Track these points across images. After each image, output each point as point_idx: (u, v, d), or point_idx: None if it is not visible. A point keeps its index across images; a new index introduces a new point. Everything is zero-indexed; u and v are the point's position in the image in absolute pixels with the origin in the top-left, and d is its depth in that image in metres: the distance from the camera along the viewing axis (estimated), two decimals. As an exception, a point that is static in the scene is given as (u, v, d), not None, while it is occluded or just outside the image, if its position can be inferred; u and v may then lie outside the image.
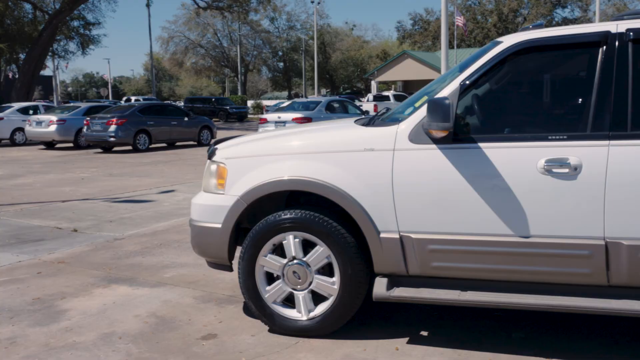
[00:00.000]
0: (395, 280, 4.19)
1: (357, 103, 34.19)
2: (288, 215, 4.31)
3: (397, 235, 4.06)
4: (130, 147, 21.96)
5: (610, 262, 3.70)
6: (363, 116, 6.00)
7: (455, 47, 53.90)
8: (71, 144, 24.03)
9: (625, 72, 3.76)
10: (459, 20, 43.04)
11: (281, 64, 77.08)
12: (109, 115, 21.77)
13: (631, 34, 3.79)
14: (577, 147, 3.75)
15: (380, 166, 4.08)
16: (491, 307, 4.37)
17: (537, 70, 4.38)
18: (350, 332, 4.43)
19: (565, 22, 66.95)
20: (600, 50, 3.84)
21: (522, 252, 3.85)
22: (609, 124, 3.72)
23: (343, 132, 4.55)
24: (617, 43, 3.80)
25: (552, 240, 3.79)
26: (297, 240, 4.32)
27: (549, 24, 53.69)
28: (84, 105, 26.40)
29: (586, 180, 3.71)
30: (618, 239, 3.67)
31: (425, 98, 4.33)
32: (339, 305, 4.27)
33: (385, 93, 47.88)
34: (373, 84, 63.01)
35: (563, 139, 3.79)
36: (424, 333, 4.47)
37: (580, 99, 4.04)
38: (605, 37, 3.84)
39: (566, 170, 3.73)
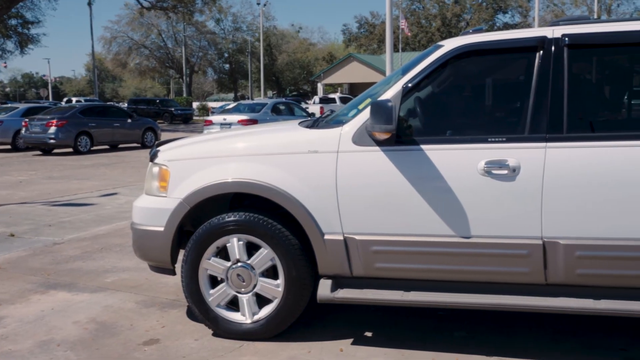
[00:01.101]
0: (339, 282, 4.20)
1: (304, 105, 34.23)
2: (232, 218, 4.27)
3: (341, 237, 4.07)
4: (71, 150, 21.42)
5: (548, 261, 3.80)
6: (308, 118, 6.01)
7: (400, 50, 54.59)
8: (9, 146, 23.29)
9: (561, 76, 3.87)
10: (403, 23, 43.61)
11: (227, 66, 76.57)
12: (48, 117, 21.19)
13: (567, 39, 3.90)
14: (515, 149, 3.84)
15: (324, 168, 4.08)
16: (434, 307, 4.43)
17: (478, 73, 4.47)
18: (294, 334, 4.42)
19: (506, 27, 68.56)
20: (538, 54, 3.94)
21: (463, 252, 3.92)
22: (546, 126, 3.82)
23: (287, 134, 4.54)
24: (553, 48, 3.91)
25: (492, 241, 3.86)
26: (241, 242, 4.29)
27: (491, 29, 54.94)
28: (22, 106, 25.65)
29: (524, 182, 3.80)
30: (555, 239, 3.77)
31: (368, 100, 4.36)
32: (284, 307, 4.26)
33: (332, 95, 48.08)
34: (319, 87, 63.20)
35: (502, 141, 3.88)
36: (368, 334, 4.50)
37: (518, 102, 4.13)
38: (542, 42, 3.94)
39: (505, 171, 3.81)
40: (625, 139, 3.74)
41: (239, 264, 4.32)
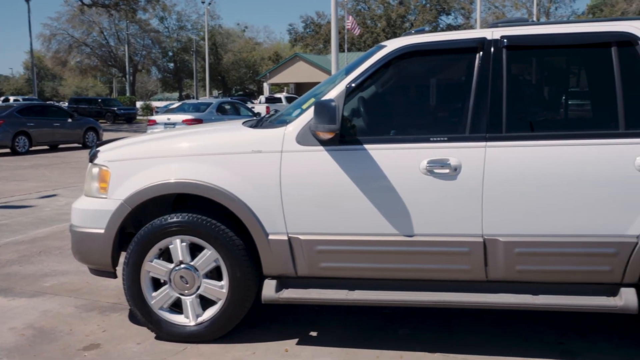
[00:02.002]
0: (284, 282, 4.19)
1: (250, 105, 34.06)
2: (175, 219, 4.21)
3: (285, 237, 4.06)
4: (8, 150, 20.74)
5: (488, 258, 3.87)
6: (252, 118, 5.98)
7: (345, 50, 54.89)
8: (-58, 147, 22.39)
9: (500, 76, 3.95)
10: (349, 23, 43.87)
11: (172, 65, 75.46)
12: (-16, 116, 20.45)
13: (505, 40, 3.98)
14: (456, 148, 3.90)
15: (268, 168, 4.07)
16: (378, 305, 4.47)
17: (420, 73, 4.53)
18: (239, 335, 4.39)
19: (450, 28, 69.73)
20: (477, 55, 4.01)
21: (406, 250, 3.96)
22: (486, 126, 3.89)
23: (231, 134, 4.51)
24: (492, 49, 3.98)
25: (435, 239, 3.92)
26: (184, 244, 4.23)
27: (435, 30, 55.86)
28: (-44, 105, 24.67)
29: (465, 180, 3.86)
30: (495, 236, 3.85)
31: (312, 100, 4.36)
32: (228, 309, 4.22)
33: (278, 95, 48.03)
34: (265, 86, 63.01)
35: (444, 141, 3.93)
36: (313, 333, 4.50)
37: (460, 102, 4.20)
38: (482, 43, 4.01)
39: (447, 170, 3.87)
40: (562, 138, 3.85)
41: (182, 265, 4.26)
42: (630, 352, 4.08)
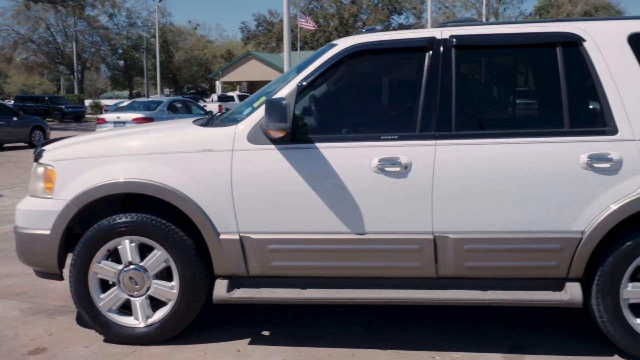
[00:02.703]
0: (236, 282, 4.16)
1: (202, 103, 33.74)
2: (123, 219, 4.14)
3: (237, 236, 4.03)
4: (-50, 149, 20.09)
5: (439, 255, 3.92)
6: (202, 116, 5.92)
7: (298, 49, 54.85)
8: None
9: (449, 75, 4.00)
10: (302, 23, 43.89)
11: (122, 62, 74.16)
12: None
13: (454, 40, 4.03)
14: (407, 146, 3.93)
15: (219, 167, 4.03)
16: (330, 303, 4.48)
17: (371, 72, 4.56)
18: (190, 336, 4.33)
19: (401, 27, 70.40)
20: (427, 54, 4.05)
21: (358, 248, 3.97)
22: (436, 124, 3.94)
23: (181, 132, 4.46)
24: (441, 48, 4.03)
25: (386, 236, 3.94)
26: (133, 244, 4.16)
27: (387, 29, 56.23)
28: None
29: (416, 178, 3.90)
30: (445, 233, 3.90)
31: (263, 99, 4.34)
32: (179, 309, 4.17)
33: (230, 93, 47.68)
34: (218, 84, 62.49)
35: (394, 139, 3.96)
36: (266, 333, 4.48)
37: (410, 101, 4.23)
38: (431, 43, 4.05)
39: (397, 169, 3.90)
40: (510, 137, 3.92)
41: (132, 266, 4.18)
42: (576, 345, 4.19)
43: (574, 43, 3.95)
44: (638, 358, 3.91)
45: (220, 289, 4.10)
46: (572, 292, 3.89)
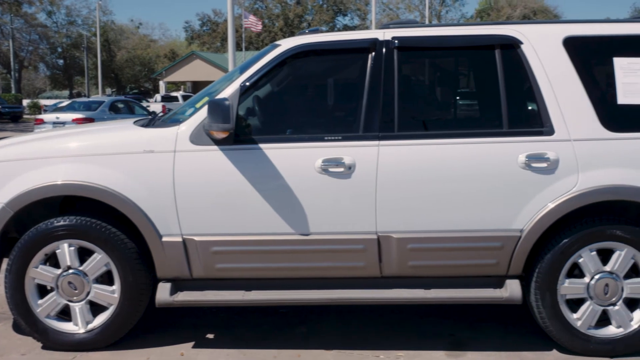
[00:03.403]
0: (179, 285, 4.11)
1: (145, 104, 33.20)
2: (62, 222, 4.03)
3: (180, 239, 3.97)
4: None
5: (382, 255, 3.95)
6: (144, 117, 5.82)
7: (243, 49, 54.58)
8: None
9: (392, 77, 4.03)
10: (248, 22, 43.65)
11: (61, 61, 72.22)
12: None
13: (396, 41, 4.07)
14: (350, 147, 3.95)
15: (161, 168, 3.97)
16: (276, 305, 4.46)
17: (314, 73, 4.56)
18: (133, 341, 4.25)
19: (346, 28, 70.76)
20: (370, 56, 4.08)
21: (302, 249, 3.97)
22: (379, 125, 3.97)
23: (121, 133, 4.37)
24: (384, 49, 4.06)
25: (330, 237, 3.95)
26: (72, 248, 4.05)
27: (332, 30, 56.48)
28: None
29: (359, 179, 3.92)
30: (388, 233, 3.93)
31: (206, 99, 4.29)
32: (120, 314, 4.08)
33: (174, 94, 47.01)
34: (161, 84, 61.55)
35: (338, 140, 3.98)
36: (210, 336, 4.43)
37: (353, 102, 4.25)
38: (374, 44, 4.08)
39: (341, 169, 3.91)
40: (452, 137, 3.98)
41: (71, 271, 4.08)
42: (516, 340, 4.29)
43: (512, 45, 4.04)
44: (575, 352, 4.03)
45: (163, 292, 4.04)
46: (512, 289, 3.98)
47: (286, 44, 4.18)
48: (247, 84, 4.04)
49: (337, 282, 4.09)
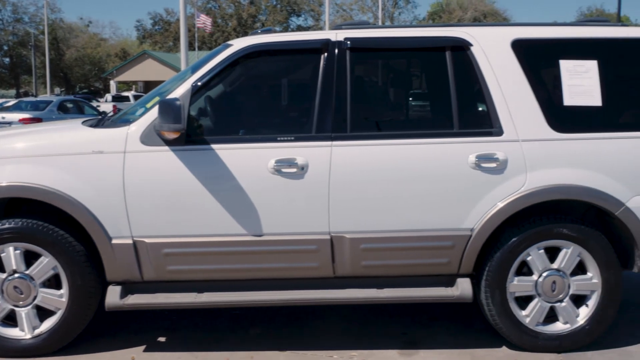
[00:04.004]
0: (129, 288, 4.04)
1: (95, 103, 32.59)
2: (6, 225, 3.92)
3: (130, 241, 3.91)
4: None
5: (335, 255, 3.96)
6: (93, 117, 5.71)
7: (196, 49, 54.06)
8: None
9: (344, 77, 4.05)
10: (200, 22, 43.24)
11: (7, 60, 70.36)
12: None
13: (348, 42, 4.09)
14: (303, 147, 3.95)
15: (111, 170, 3.89)
16: (228, 306, 4.43)
17: (267, 73, 4.55)
18: (82, 346, 4.16)
19: (300, 29, 70.76)
20: (322, 56, 4.08)
21: (255, 250, 3.95)
22: (331, 126, 3.98)
23: (69, 133, 4.27)
24: (336, 50, 4.07)
25: (283, 237, 3.94)
26: (18, 251, 3.94)
27: (285, 31, 56.42)
28: None
29: (312, 179, 3.92)
30: (341, 233, 3.94)
31: (157, 99, 4.23)
32: (68, 318, 3.99)
33: (125, 93, 46.25)
34: (112, 84, 60.50)
35: (291, 140, 3.97)
36: (162, 339, 4.38)
37: (306, 102, 4.24)
38: (326, 45, 4.09)
39: (294, 170, 3.90)
40: (404, 138, 4.02)
41: (16, 275, 3.96)
42: (467, 338, 4.35)
43: (462, 47, 4.10)
44: (524, 348, 4.11)
45: (112, 295, 3.96)
46: (463, 287, 4.03)
47: (238, 44, 4.15)
48: (199, 83, 4.00)
49: (290, 282, 4.08)
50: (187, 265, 3.97)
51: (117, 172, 3.89)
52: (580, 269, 4.10)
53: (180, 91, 3.95)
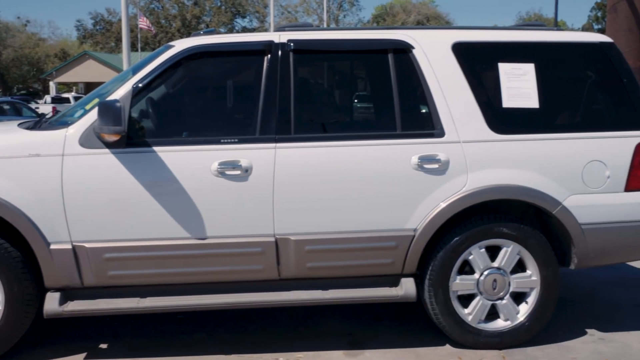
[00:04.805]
0: (69, 294, 3.94)
1: (33, 105, 31.70)
2: (-62, 232, 3.77)
3: (69, 246, 3.81)
4: None
5: (280, 257, 3.95)
6: (29, 119, 5.55)
7: (139, 50, 53.17)
8: None
9: (287, 79, 4.04)
10: (142, 23, 42.55)
11: (-61, 60, 67.80)
12: None
13: (292, 44, 4.09)
14: (247, 149, 3.93)
15: (48, 173, 3.79)
16: (172, 311, 4.36)
17: (210, 75, 4.50)
18: (19, 355, 4.04)
19: (245, 30, 70.40)
20: (266, 58, 4.07)
21: (199, 253, 3.91)
22: (275, 128, 3.97)
23: (4, 136, 4.12)
24: (279, 52, 4.07)
25: (228, 240, 3.91)
26: (-50, 259, 3.79)
27: (230, 32, 55.98)
28: None
29: (257, 182, 3.90)
30: (286, 235, 3.94)
31: (96, 100, 4.14)
32: (5, 327, 3.85)
33: (66, 95, 45.15)
34: (52, 85, 58.96)
35: (235, 142, 3.94)
36: (104, 346, 4.28)
37: (250, 104, 4.21)
38: (270, 46, 4.08)
39: (238, 172, 3.88)
40: (347, 139, 4.04)
41: (-48, 283, 3.82)
42: (412, 337, 4.40)
43: (404, 50, 4.15)
44: (466, 346, 4.18)
45: (51, 302, 3.86)
46: (407, 287, 4.08)
47: (180, 45, 4.10)
48: (140, 85, 3.94)
49: (235, 286, 4.06)
50: (129, 270, 3.89)
51: (55, 176, 3.79)
52: (520, 267, 4.20)
53: (120, 92, 3.88)
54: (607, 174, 4.14)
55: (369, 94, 4.96)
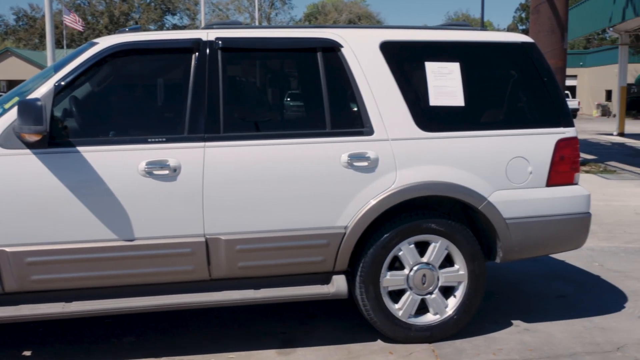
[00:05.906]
0: (-11, 301, 3.78)
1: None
2: None
3: (-12, 251, 3.66)
4: None
5: (211, 257, 3.91)
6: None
7: (65, 47, 51.58)
8: None
9: (216, 77, 4.00)
10: (67, 20, 41.28)
11: None
12: None
13: (220, 42, 4.05)
14: (175, 149, 3.87)
15: (-35, 175, 3.62)
16: (100, 315, 4.25)
17: (136, 73, 4.40)
18: (-64, 366, 3.86)
19: (175, 28, 69.32)
20: (194, 56, 4.01)
21: (127, 255, 3.82)
22: (204, 126, 3.92)
23: None
24: (207, 50, 4.02)
25: (156, 241, 3.84)
26: None
27: (160, 29, 54.96)
28: None
29: (185, 181, 3.85)
30: (217, 235, 3.90)
31: (16, 99, 3.99)
32: None
33: (-13, 93, 43.44)
34: (-29, 83, 56.56)
35: (162, 142, 3.88)
36: (27, 353, 4.14)
37: (178, 103, 4.14)
38: (197, 44, 4.02)
39: (166, 172, 3.81)
40: (277, 138, 4.03)
41: None
42: (344, 334, 4.44)
43: (332, 49, 4.17)
44: (397, 340, 4.25)
45: (-30, 310, 3.69)
46: (338, 284, 4.11)
47: (104, 42, 4.00)
48: (62, 83, 3.82)
49: (165, 287, 3.99)
50: (53, 274, 3.76)
51: (-26, 178, 3.63)
52: (448, 261, 4.29)
53: (42, 91, 3.75)
54: (529, 169, 4.28)
55: (299, 92, 4.96)
